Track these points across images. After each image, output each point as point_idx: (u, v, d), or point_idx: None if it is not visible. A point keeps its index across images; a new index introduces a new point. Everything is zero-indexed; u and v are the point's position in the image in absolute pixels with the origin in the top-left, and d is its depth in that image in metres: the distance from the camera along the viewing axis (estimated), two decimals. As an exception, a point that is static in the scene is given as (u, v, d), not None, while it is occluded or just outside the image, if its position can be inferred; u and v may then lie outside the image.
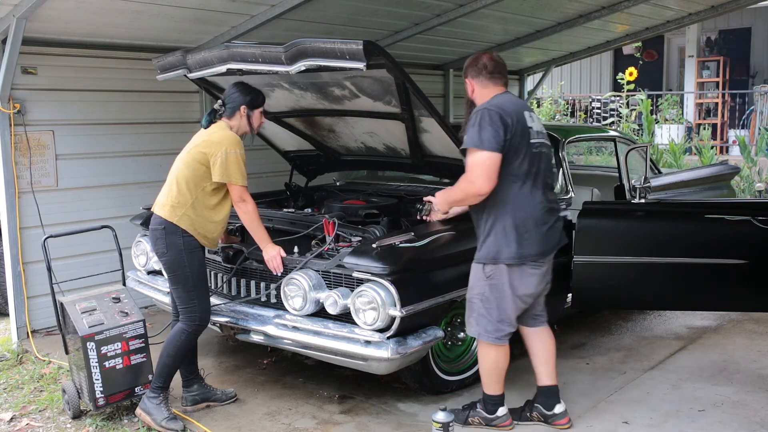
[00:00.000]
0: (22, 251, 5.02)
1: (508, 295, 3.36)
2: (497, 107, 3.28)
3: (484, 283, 3.38)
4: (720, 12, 8.10)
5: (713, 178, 6.19)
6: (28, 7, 4.33)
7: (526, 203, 3.34)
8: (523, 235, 3.32)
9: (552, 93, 14.72)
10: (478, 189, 3.25)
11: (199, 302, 3.70)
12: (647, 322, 5.40)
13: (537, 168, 3.38)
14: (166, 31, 5.39)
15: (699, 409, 3.85)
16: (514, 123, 3.27)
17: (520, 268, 3.34)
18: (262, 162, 6.32)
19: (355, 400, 4.04)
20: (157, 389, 3.69)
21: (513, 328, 3.48)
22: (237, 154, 3.62)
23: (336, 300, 3.56)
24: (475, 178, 3.25)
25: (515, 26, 7.36)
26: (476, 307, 3.42)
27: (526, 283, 3.38)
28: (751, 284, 4.00)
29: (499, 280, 3.35)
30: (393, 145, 4.55)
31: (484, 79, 3.44)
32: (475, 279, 3.43)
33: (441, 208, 3.74)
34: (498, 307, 3.38)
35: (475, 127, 3.24)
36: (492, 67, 3.44)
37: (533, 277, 3.40)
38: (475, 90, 3.47)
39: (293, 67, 3.56)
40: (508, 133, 3.24)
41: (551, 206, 3.50)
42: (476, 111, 3.30)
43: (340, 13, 5.86)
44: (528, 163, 3.33)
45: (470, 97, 3.49)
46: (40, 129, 5.13)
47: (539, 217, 3.38)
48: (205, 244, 3.76)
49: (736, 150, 11.60)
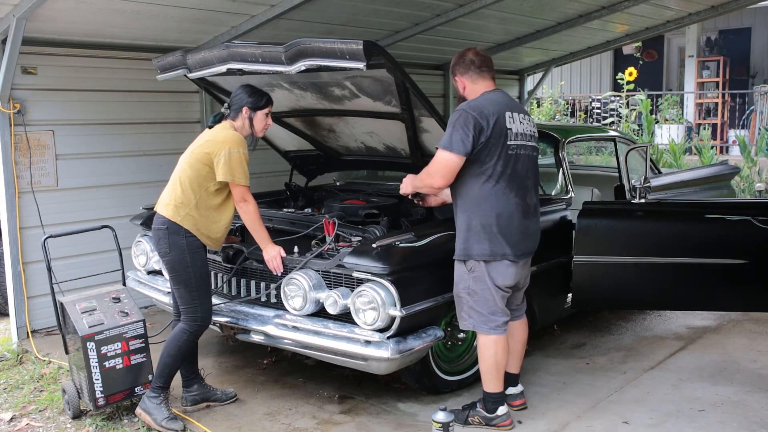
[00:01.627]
0: (22, 251, 5.02)
1: (491, 286, 3.44)
2: (475, 109, 3.36)
3: (467, 277, 3.46)
4: (720, 12, 8.09)
5: (713, 178, 6.19)
6: (28, 7, 4.33)
7: (499, 202, 3.40)
8: (494, 233, 3.40)
9: (552, 93, 14.72)
10: (432, 183, 3.45)
11: (201, 303, 3.70)
12: (647, 322, 5.40)
13: (512, 169, 3.42)
14: (166, 31, 5.39)
15: (699, 409, 3.85)
16: (491, 125, 3.33)
17: (496, 263, 3.43)
18: (262, 162, 6.31)
19: (355, 400, 4.04)
20: (157, 389, 3.69)
21: (507, 316, 3.53)
22: (240, 153, 3.62)
23: (336, 300, 3.56)
24: (434, 173, 3.41)
25: (515, 26, 7.36)
26: (465, 301, 3.49)
27: (503, 274, 3.45)
28: (751, 284, 4.00)
29: (480, 273, 3.44)
30: (393, 145, 4.55)
31: (473, 74, 3.50)
32: (459, 274, 3.51)
33: (404, 190, 3.74)
34: (485, 298, 3.45)
35: (449, 127, 3.36)
36: (479, 62, 3.49)
37: (510, 269, 3.47)
38: (467, 87, 3.53)
39: (293, 67, 3.56)
40: (483, 136, 3.32)
41: (529, 209, 3.53)
42: (456, 111, 3.39)
43: (340, 13, 5.86)
44: (502, 164, 3.39)
45: (461, 94, 3.55)
46: (40, 129, 5.13)
47: (513, 217, 3.44)
48: (209, 245, 3.75)
49: (736, 150, 11.61)
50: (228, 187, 3.68)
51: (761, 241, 3.89)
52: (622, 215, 4.20)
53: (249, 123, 3.78)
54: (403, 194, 3.82)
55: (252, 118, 3.78)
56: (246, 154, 3.66)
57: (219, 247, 3.91)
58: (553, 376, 4.32)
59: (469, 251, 3.43)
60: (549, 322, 4.81)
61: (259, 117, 3.80)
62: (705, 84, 13.73)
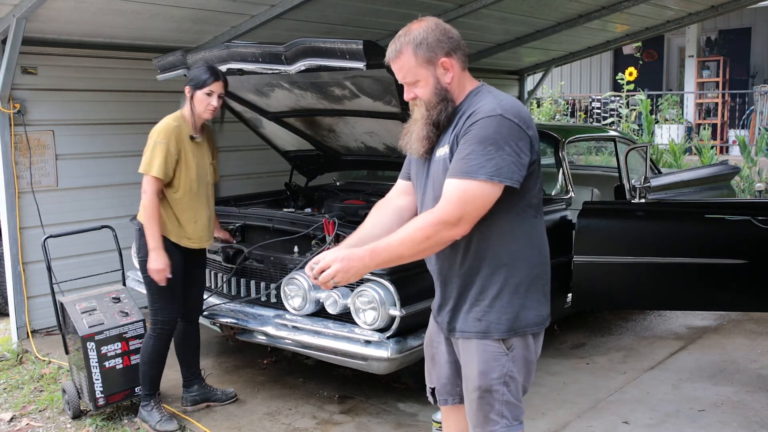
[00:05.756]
0: (22, 251, 5.02)
1: (533, 362, 2.37)
2: (519, 117, 2.16)
3: (506, 359, 2.28)
4: (720, 12, 8.10)
5: (713, 178, 6.19)
6: (28, 7, 4.33)
7: (544, 243, 2.36)
8: (544, 289, 2.36)
9: (552, 93, 14.72)
10: (458, 233, 2.15)
11: (162, 307, 3.61)
12: (647, 322, 5.40)
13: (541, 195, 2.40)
14: (166, 31, 5.39)
15: (699, 409, 3.85)
16: (536, 137, 2.24)
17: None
18: (262, 162, 6.33)
19: (355, 400, 4.03)
20: (146, 397, 3.70)
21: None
22: (156, 142, 3.45)
23: (336, 300, 3.56)
24: (467, 215, 2.12)
25: (515, 26, 7.36)
26: (499, 396, 2.29)
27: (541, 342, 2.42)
28: (751, 284, 4.00)
29: (524, 351, 2.32)
30: (393, 145, 4.55)
31: (462, 56, 2.26)
32: (490, 359, 2.28)
33: (343, 277, 2.14)
34: (525, 381, 2.35)
35: (487, 145, 2.10)
36: (463, 42, 2.29)
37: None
38: (455, 75, 2.24)
39: (293, 66, 3.56)
40: (534, 154, 2.20)
41: None
42: (491, 117, 2.12)
43: (340, 13, 5.86)
44: (539, 188, 2.34)
45: (443, 85, 2.22)
46: (40, 129, 5.13)
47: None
48: (189, 244, 3.62)
49: (736, 150, 11.60)
50: (182, 179, 3.54)
51: (761, 241, 3.89)
52: (622, 215, 4.20)
53: (190, 104, 3.52)
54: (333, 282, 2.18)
55: (193, 98, 3.52)
56: (169, 144, 3.45)
57: (206, 245, 3.76)
58: (553, 376, 4.32)
59: (517, 322, 2.26)
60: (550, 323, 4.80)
61: (198, 97, 3.51)
62: (705, 84, 13.72)
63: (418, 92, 2.25)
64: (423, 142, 2.27)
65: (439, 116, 2.23)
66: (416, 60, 2.21)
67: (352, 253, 2.13)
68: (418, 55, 2.21)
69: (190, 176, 3.58)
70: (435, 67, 2.21)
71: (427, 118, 2.25)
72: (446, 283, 2.38)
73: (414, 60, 2.22)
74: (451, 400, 2.54)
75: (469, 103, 2.23)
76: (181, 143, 3.53)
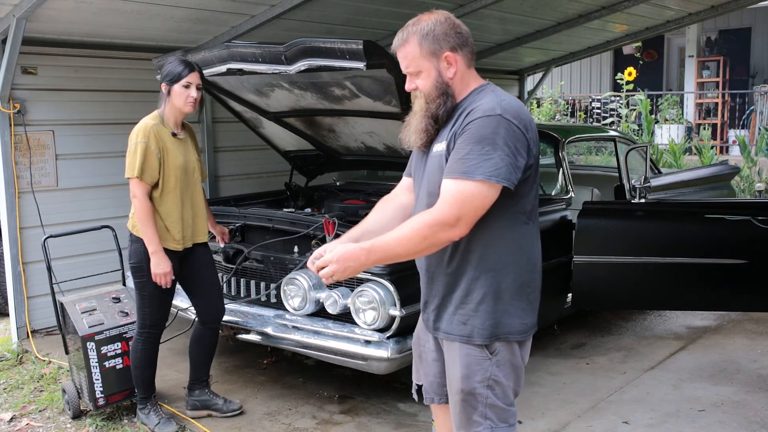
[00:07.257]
0: (22, 251, 5.01)
1: (520, 366, 2.34)
2: (518, 117, 2.14)
3: (489, 364, 2.26)
4: (720, 12, 8.10)
5: (713, 178, 6.19)
6: (28, 7, 4.33)
7: (535, 250, 2.31)
8: (533, 297, 2.32)
9: (552, 93, 14.72)
10: (456, 234, 2.13)
11: (151, 311, 3.58)
12: (647, 322, 5.40)
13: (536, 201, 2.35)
14: (166, 31, 5.39)
15: (699, 409, 3.85)
16: (536, 140, 2.20)
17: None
18: (262, 162, 6.33)
19: (355, 400, 4.03)
20: (142, 400, 3.70)
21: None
22: (137, 143, 3.39)
23: (336, 300, 3.56)
24: (464, 216, 2.10)
25: (515, 26, 7.36)
26: (482, 398, 2.27)
27: (529, 348, 2.40)
28: (751, 284, 4.01)
29: (509, 355, 2.29)
30: (393, 145, 4.55)
31: (469, 53, 2.25)
32: (472, 363, 2.26)
33: (341, 276, 2.16)
34: (515, 385, 2.34)
35: (485, 144, 2.08)
36: (471, 40, 2.27)
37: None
38: (459, 71, 2.22)
39: (293, 66, 3.56)
40: (531, 158, 2.17)
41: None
42: (488, 117, 2.11)
43: (340, 13, 5.86)
44: (535, 195, 2.29)
45: (445, 79, 2.21)
46: (40, 129, 5.13)
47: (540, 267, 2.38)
48: (176, 247, 3.55)
49: (736, 150, 11.60)
50: (164, 177, 3.48)
51: (761, 241, 3.89)
52: (622, 215, 4.20)
53: (166, 100, 3.45)
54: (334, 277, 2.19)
55: (170, 93, 3.44)
56: (148, 144, 3.39)
57: (189, 245, 3.63)
58: (553, 376, 4.32)
59: (500, 328, 2.23)
60: (549, 322, 4.80)
61: (176, 91, 3.43)
62: (705, 84, 13.72)
63: (419, 84, 2.24)
64: (421, 135, 2.27)
65: (438, 110, 2.22)
66: (420, 50, 2.21)
67: (349, 253, 2.13)
68: (423, 45, 2.20)
69: (175, 174, 3.50)
70: (438, 60, 2.21)
71: (426, 110, 2.25)
72: (432, 281, 2.36)
73: (418, 50, 2.21)
74: (438, 399, 2.53)
75: (471, 100, 2.22)
76: (161, 141, 3.46)
